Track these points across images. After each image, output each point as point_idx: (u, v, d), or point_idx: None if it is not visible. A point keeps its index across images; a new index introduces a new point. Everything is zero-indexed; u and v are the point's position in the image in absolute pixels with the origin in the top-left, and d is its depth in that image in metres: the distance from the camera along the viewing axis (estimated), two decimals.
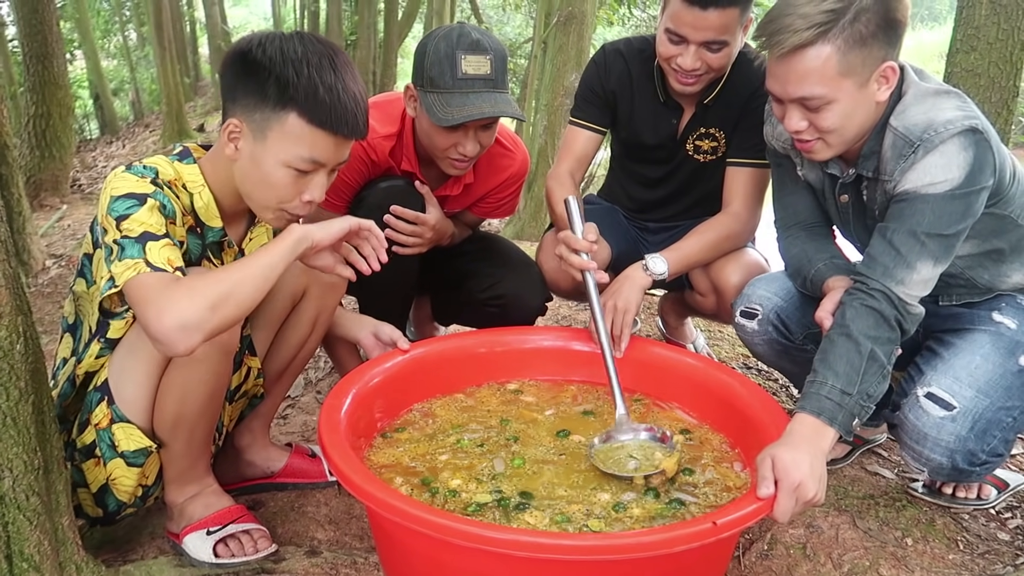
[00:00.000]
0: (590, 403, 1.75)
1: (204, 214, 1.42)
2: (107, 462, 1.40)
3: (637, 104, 2.03)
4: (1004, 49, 2.14)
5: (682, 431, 1.63)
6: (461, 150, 1.78)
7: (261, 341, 1.63)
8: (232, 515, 1.50)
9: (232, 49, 1.37)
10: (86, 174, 6.54)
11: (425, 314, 2.35)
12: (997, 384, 1.49)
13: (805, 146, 1.50)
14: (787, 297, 1.71)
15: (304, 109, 1.30)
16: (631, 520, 1.34)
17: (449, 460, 1.52)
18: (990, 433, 1.47)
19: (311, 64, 1.32)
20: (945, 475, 1.53)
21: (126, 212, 1.25)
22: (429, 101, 1.72)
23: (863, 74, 1.39)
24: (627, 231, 2.22)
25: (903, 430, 1.53)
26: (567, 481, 1.46)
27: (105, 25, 14.77)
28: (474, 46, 1.71)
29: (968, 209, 1.41)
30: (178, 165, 1.39)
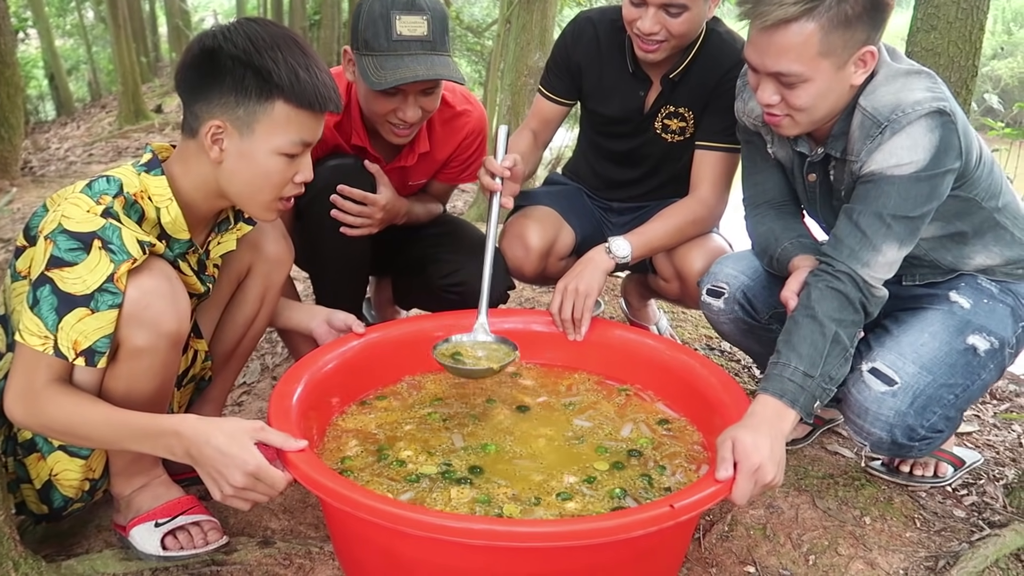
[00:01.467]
0: (581, 395, 1.71)
1: (171, 228, 1.36)
2: (47, 455, 1.35)
3: (604, 74, 1.99)
4: (964, 28, 2.14)
5: (660, 421, 1.61)
6: (401, 116, 1.72)
7: (207, 322, 1.58)
8: (182, 506, 1.45)
9: (193, 50, 1.31)
10: (38, 156, 6.33)
11: (386, 297, 2.30)
12: (941, 361, 1.50)
13: (773, 119, 1.49)
14: (754, 276, 1.70)
15: (290, 95, 1.29)
16: (605, 490, 1.37)
17: (412, 431, 1.55)
18: (930, 409, 1.48)
19: (282, 48, 1.29)
20: (885, 449, 1.54)
21: (67, 259, 1.19)
22: (364, 64, 1.67)
23: (842, 56, 1.38)
24: (591, 212, 2.19)
25: (846, 404, 1.54)
26: (528, 463, 1.45)
27: (60, 3, 14.31)
28: (409, 5, 1.65)
29: (933, 191, 1.41)
30: (145, 177, 1.33)
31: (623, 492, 1.37)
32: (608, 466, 1.44)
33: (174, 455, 1.24)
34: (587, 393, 1.72)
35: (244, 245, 1.55)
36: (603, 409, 1.65)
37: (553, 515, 1.30)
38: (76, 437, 1.29)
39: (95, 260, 1.20)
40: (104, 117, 9.05)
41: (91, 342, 1.21)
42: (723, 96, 1.82)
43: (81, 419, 1.24)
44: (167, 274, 1.28)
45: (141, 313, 1.23)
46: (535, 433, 1.55)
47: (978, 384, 1.55)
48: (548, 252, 2.03)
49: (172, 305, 1.27)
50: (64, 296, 1.20)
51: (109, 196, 1.26)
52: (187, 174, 1.36)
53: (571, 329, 1.80)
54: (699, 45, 1.90)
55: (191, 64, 1.31)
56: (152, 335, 1.25)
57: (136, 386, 1.30)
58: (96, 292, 1.20)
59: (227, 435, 1.21)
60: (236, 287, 1.60)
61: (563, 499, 1.35)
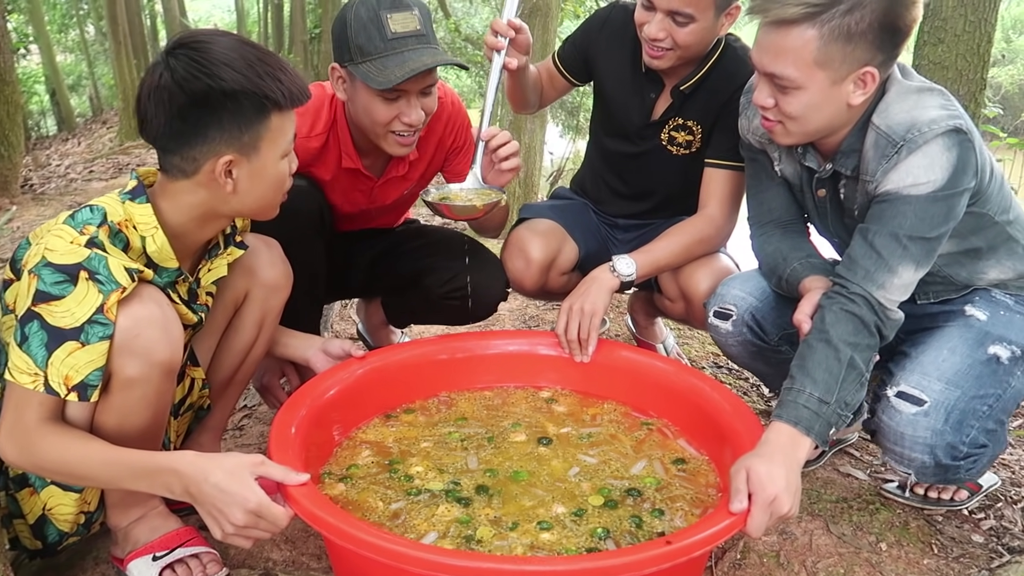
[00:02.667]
0: (603, 427, 1.67)
1: (158, 257, 1.32)
2: (40, 490, 1.31)
3: (621, 66, 1.97)
4: (971, 41, 2.12)
5: (676, 460, 1.54)
6: (405, 119, 1.67)
7: (204, 350, 1.55)
8: (180, 538, 1.41)
9: (175, 100, 1.22)
10: (39, 173, 6.32)
11: (379, 320, 2.26)
12: (966, 374, 1.46)
13: (768, 124, 1.47)
14: (762, 297, 1.67)
15: (282, 103, 1.29)
16: (587, 528, 1.33)
17: (427, 448, 1.56)
18: (967, 424, 1.44)
19: (254, 62, 1.26)
20: (931, 474, 1.48)
21: (53, 292, 1.16)
22: (364, 71, 1.61)
23: (840, 71, 1.35)
24: (597, 229, 2.17)
25: (881, 434, 1.50)
26: (535, 489, 1.43)
27: (62, 19, 14.37)
28: (397, 3, 1.62)
29: (951, 211, 1.38)
30: (129, 205, 1.29)
31: (606, 532, 1.32)
32: (602, 502, 1.40)
33: (173, 493, 1.20)
34: (609, 424, 1.67)
35: (240, 271, 1.53)
36: (620, 443, 1.60)
37: (525, 543, 1.28)
38: (71, 476, 1.25)
39: (83, 292, 1.16)
40: (105, 133, 9.06)
41: (83, 376, 1.18)
42: (734, 113, 1.79)
43: (76, 458, 1.20)
44: (158, 301, 1.24)
45: (132, 342, 1.20)
46: (545, 461, 1.52)
47: (1010, 392, 1.50)
48: (550, 266, 2.01)
49: (164, 333, 1.23)
50: (54, 331, 1.16)
51: (93, 226, 1.23)
52: (177, 207, 1.32)
53: (577, 350, 1.76)
54: (714, 60, 1.87)
55: (178, 115, 1.23)
56: (144, 365, 1.22)
57: (129, 418, 1.26)
58: (86, 324, 1.16)
59: (227, 472, 1.17)
60: (233, 314, 1.57)
61: (541, 528, 1.32)
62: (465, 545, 1.29)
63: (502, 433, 1.61)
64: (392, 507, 1.38)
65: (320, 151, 1.80)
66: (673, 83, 1.90)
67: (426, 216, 3.17)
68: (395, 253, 2.03)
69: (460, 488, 1.44)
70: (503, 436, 1.60)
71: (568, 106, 9.75)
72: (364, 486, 1.44)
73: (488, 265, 1.98)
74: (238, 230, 1.54)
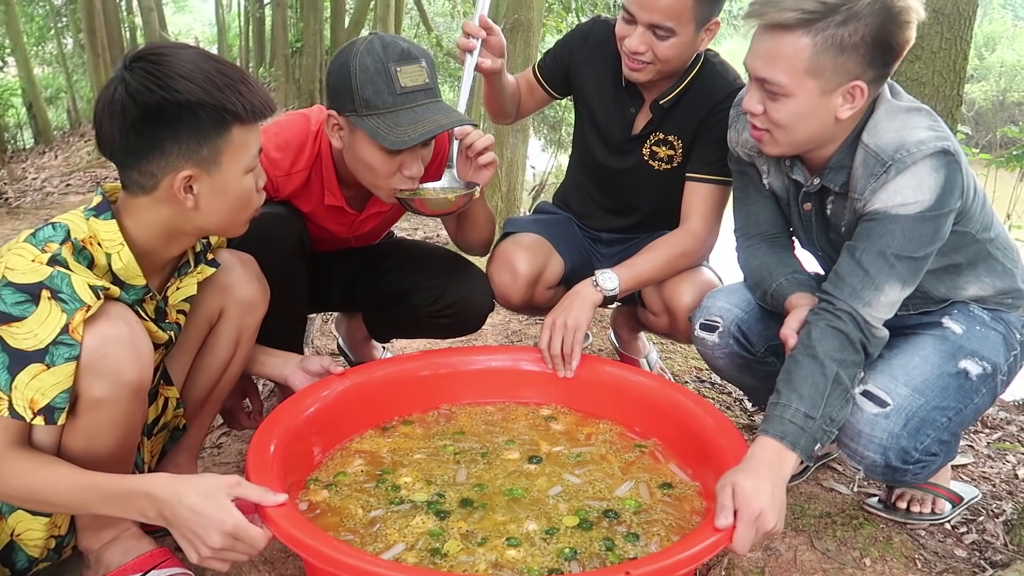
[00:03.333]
0: (596, 446, 1.63)
1: (124, 274, 1.29)
2: (7, 515, 1.28)
3: (601, 80, 1.98)
4: (948, 58, 2.15)
5: (663, 485, 1.50)
6: (407, 172, 1.61)
7: (178, 369, 1.52)
8: (154, 560, 1.38)
9: (128, 113, 1.19)
10: (14, 187, 6.23)
11: (361, 335, 2.24)
12: (933, 384, 1.48)
13: (756, 133, 1.48)
14: (748, 309, 1.67)
15: (243, 115, 1.25)
16: (555, 547, 1.32)
17: (420, 460, 1.56)
18: (923, 432, 1.46)
19: (213, 74, 1.23)
20: (879, 473, 1.51)
21: (13, 313, 1.12)
22: (371, 126, 1.54)
23: (830, 81, 1.36)
24: (581, 243, 2.16)
25: (840, 428, 1.50)
26: (513, 505, 1.42)
27: (40, 31, 14.25)
28: (405, 55, 1.55)
29: (937, 231, 1.40)
30: (94, 222, 1.26)
31: (573, 553, 1.30)
32: (577, 522, 1.38)
33: (147, 517, 1.17)
34: (602, 445, 1.64)
35: (215, 288, 1.50)
36: (608, 464, 1.57)
37: (490, 559, 1.27)
38: (40, 503, 1.21)
39: (45, 312, 1.13)
40: (83, 146, 8.97)
41: (49, 399, 1.14)
42: (714, 127, 1.80)
43: (44, 485, 1.16)
44: (126, 319, 1.21)
45: (99, 363, 1.16)
46: (532, 479, 1.51)
47: (971, 408, 1.53)
48: (536, 280, 2.00)
49: (132, 352, 1.19)
50: (15, 353, 1.12)
51: (55, 243, 1.19)
52: (140, 224, 1.29)
53: (561, 365, 1.75)
54: (693, 75, 1.88)
55: (132, 128, 1.21)
56: (112, 385, 1.18)
57: (97, 440, 1.23)
58: (51, 346, 1.12)
59: (202, 494, 1.14)
60: (208, 331, 1.54)
61: (509, 545, 1.31)
62: (429, 558, 1.28)
63: (496, 449, 1.60)
64: (371, 515, 1.39)
65: (302, 187, 1.75)
66: (653, 97, 1.91)
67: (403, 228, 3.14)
68: (376, 270, 2.00)
69: (443, 501, 1.43)
70: (496, 452, 1.59)
71: (550, 120, 9.80)
72: (347, 493, 1.45)
73: (473, 279, 1.95)
74: (211, 247, 1.52)
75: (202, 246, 1.47)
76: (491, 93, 1.97)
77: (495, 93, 1.97)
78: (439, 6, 14.49)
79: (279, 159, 1.70)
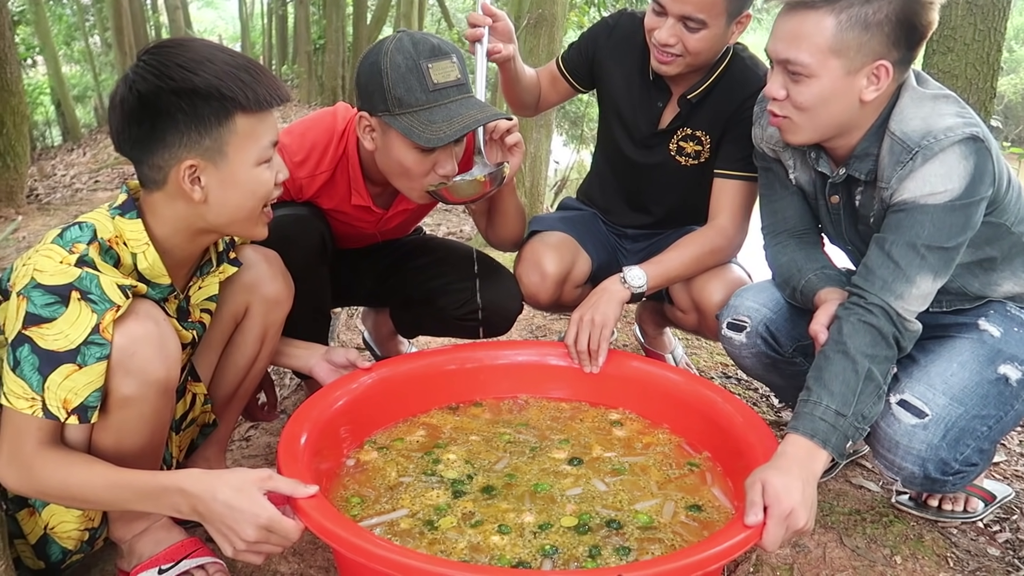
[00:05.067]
0: (647, 456, 1.57)
1: (149, 274, 1.30)
2: (41, 510, 1.30)
3: (628, 74, 1.96)
4: (981, 50, 2.11)
5: (692, 507, 1.41)
6: (441, 171, 1.59)
7: (205, 366, 1.53)
8: (185, 549, 1.39)
9: (126, 104, 1.20)
10: (44, 183, 6.32)
11: (387, 330, 2.25)
12: (973, 392, 1.45)
13: (776, 121, 1.46)
14: (776, 308, 1.65)
15: (246, 104, 1.22)
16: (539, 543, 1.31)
17: (475, 441, 1.61)
18: (963, 442, 1.43)
19: (213, 60, 1.22)
20: (917, 484, 1.48)
21: (44, 315, 1.13)
22: (405, 124, 1.51)
23: (854, 61, 1.34)
24: (606, 239, 2.15)
25: (875, 438, 1.48)
26: (524, 498, 1.42)
27: (68, 30, 14.46)
28: (436, 51, 1.53)
29: (968, 220, 1.37)
30: (119, 221, 1.27)
31: (553, 550, 1.28)
32: (575, 523, 1.35)
33: (180, 513, 1.18)
34: (654, 455, 1.58)
35: (240, 286, 1.50)
36: (646, 477, 1.51)
37: (474, 541, 1.29)
38: (75, 501, 1.23)
39: (75, 313, 1.14)
40: (110, 143, 9.07)
41: (82, 398, 1.15)
42: (743, 123, 1.78)
43: (79, 482, 1.18)
44: (155, 317, 1.21)
45: (128, 361, 1.17)
46: (560, 478, 1.49)
47: (1012, 415, 1.49)
48: (564, 279, 1.99)
49: (160, 351, 1.20)
50: (46, 354, 1.13)
51: (82, 243, 1.20)
52: (159, 222, 1.29)
53: (587, 361, 1.75)
54: (722, 69, 1.86)
55: (131, 119, 1.21)
56: (140, 383, 1.19)
57: (126, 437, 1.24)
58: (82, 346, 1.14)
59: (235, 488, 1.15)
60: (233, 328, 1.54)
61: (499, 531, 1.32)
62: (420, 527, 1.33)
63: (547, 446, 1.59)
64: (401, 479, 1.47)
65: (326, 186, 1.75)
66: (680, 91, 1.89)
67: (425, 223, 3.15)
68: (405, 268, 2.00)
69: (468, 482, 1.46)
70: (546, 449, 1.58)
71: (571, 115, 9.77)
72: (392, 457, 1.54)
73: (503, 283, 1.93)
74: (235, 246, 1.52)
75: (225, 245, 1.48)
76: (507, 82, 1.95)
77: (511, 82, 1.95)
78: (460, 2, 14.50)
79: (303, 161, 1.70)
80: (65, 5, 13.93)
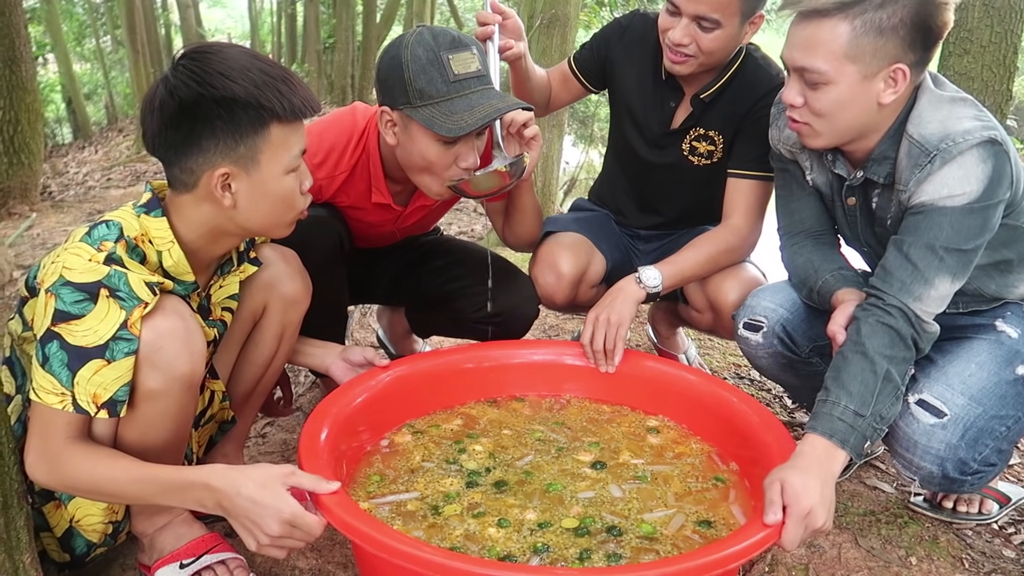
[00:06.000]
0: (672, 466, 1.54)
1: (174, 271, 1.31)
2: (67, 503, 1.32)
3: (640, 74, 1.97)
4: (997, 52, 2.11)
5: (702, 522, 1.37)
6: (463, 164, 1.59)
7: (224, 363, 1.55)
8: (206, 545, 1.41)
9: (166, 109, 1.22)
10: (57, 180, 6.36)
11: (403, 329, 2.26)
12: (991, 392, 1.45)
13: (795, 126, 1.47)
14: (792, 308, 1.66)
15: (282, 114, 1.25)
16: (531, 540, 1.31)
17: (507, 435, 1.63)
18: (982, 442, 1.43)
19: (252, 70, 1.23)
20: (936, 484, 1.49)
21: (73, 312, 1.15)
22: (427, 115, 1.52)
23: (871, 66, 1.35)
24: (620, 240, 2.16)
25: (893, 437, 1.49)
26: (534, 496, 1.43)
27: (79, 28, 14.53)
28: (456, 43, 1.54)
29: (986, 223, 1.37)
30: (145, 219, 1.28)
31: (544, 548, 1.28)
32: (575, 525, 1.34)
33: (205, 507, 1.20)
34: (682, 466, 1.54)
35: (258, 284, 1.51)
36: (664, 488, 1.47)
37: (471, 531, 1.32)
38: (101, 494, 1.24)
39: (104, 309, 1.16)
40: (121, 141, 9.12)
41: (111, 393, 1.17)
42: (756, 122, 1.79)
43: (105, 476, 1.19)
44: (181, 313, 1.23)
45: (154, 355, 1.19)
46: (577, 481, 1.49)
47: None
48: (579, 279, 1.99)
49: (186, 346, 1.22)
50: (75, 350, 1.15)
51: (110, 241, 1.22)
52: (185, 222, 1.31)
53: (603, 361, 1.76)
54: (735, 69, 1.87)
55: (170, 123, 1.22)
56: (166, 378, 1.21)
57: (151, 431, 1.26)
58: (111, 341, 1.15)
59: (258, 483, 1.17)
60: (252, 327, 1.56)
61: (498, 525, 1.34)
62: (424, 510, 1.38)
63: (575, 447, 1.59)
64: (423, 464, 1.52)
65: (346, 186, 1.76)
66: (693, 91, 1.90)
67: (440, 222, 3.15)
68: (423, 269, 2.00)
69: (485, 475, 1.48)
70: (573, 450, 1.58)
71: (580, 115, 9.76)
72: (423, 442, 1.59)
73: (520, 287, 1.93)
74: (255, 245, 1.54)
75: (245, 244, 1.49)
76: (517, 81, 1.95)
77: (521, 80, 1.94)
78: (469, 1, 14.51)
79: (322, 162, 1.71)
80: (76, 3, 13.99)
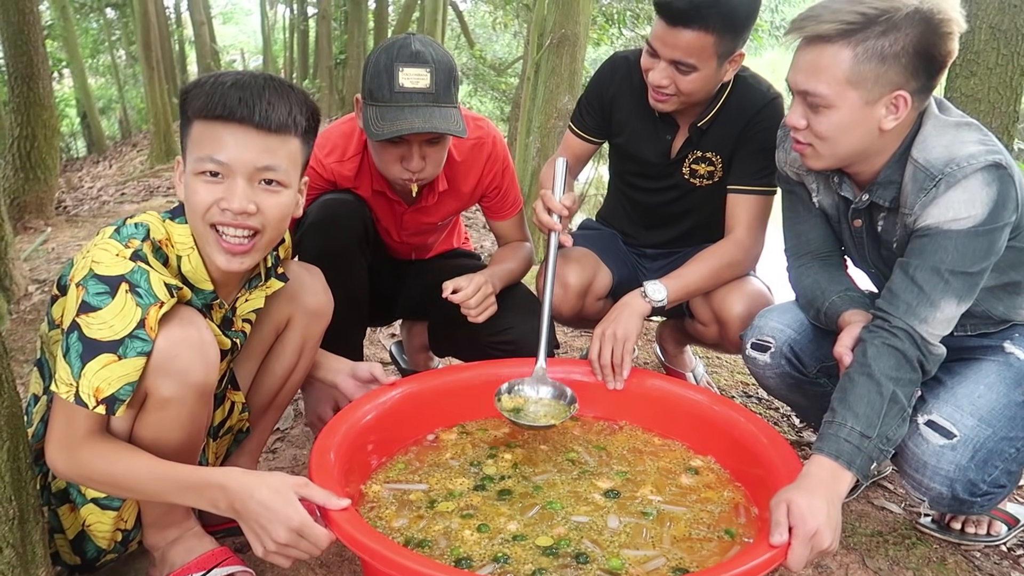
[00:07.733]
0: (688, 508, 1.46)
1: (192, 277, 1.35)
2: (80, 507, 1.34)
3: (634, 113, 2.00)
4: (1004, 74, 2.12)
5: (675, 569, 1.29)
6: (407, 165, 1.71)
7: (245, 374, 1.57)
8: (216, 559, 1.42)
9: None
10: (72, 195, 6.44)
11: (420, 343, 2.28)
12: (1000, 414, 1.46)
13: (799, 148, 1.49)
14: (800, 329, 1.67)
15: (201, 109, 1.25)
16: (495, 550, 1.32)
17: (542, 451, 1.64)
18: (991, 463, 1.43)
19: (221, 75, 1.29)
20: (945, 505, 1.49)
21: (93, 304, 1.18)
22: (368, 114, 1.67)
23: (872, 92, 1.36)
24: (626, 257, 2.19)
25: (903, 458, 1.49)
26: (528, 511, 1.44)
27: (94, 44, 14.74)
28: (413, 58, 1.64)
29: (991, 246, 1.38)
30: (169, 224, 1.33)
31: (504, 559, 1.28)
32: (549, 543, 1.33)
33: (218, 508, 1.22)
34: (701, 512, 1.45)
35: (283, 297, 1.55)
36: (667, 529, 1.39)
37: (450, 528, 1.35)
38: (119, 488, 1.26)
39: (120, 304, 1.18)
40: (135, 156, 9.22)
41: (114, 389, 1.18)
42: (753, 138, 1.82)
43: (123, 471, 1.22)
44: (197, 324, 1.26)
45: (168, 363, 1.21)
46: (580, 505, 1.46)
47: None
48: (586, 292, 2.02)
49: (200, 356, 1.24)
50: (89, 342, 1.17)
51: (138, 240, 1.26)
52: None
53: (611, 376, 1.77)
54: (727, 94, 1.90)
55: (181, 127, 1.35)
56: (179, 386, 1.23)
57: (164, 436, 1.28)
58: (126, 338, 1.17)
59: (272, 489, 1.19)
60: (274, 339, 1.59)
61: (478, 529, 1.36)
62: (422, 500, 1.43)
63: (600, 473, 1.56)
64: (449, 461, 1.59)
65: (355, 175, 1.85)
66: (688, 121, 1.93)
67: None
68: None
69: (496, 483, 1.51)
70: (596, 475, 1.55)
71: None
72: (463, 441, 1.66)
73: (537, 318, 1.90)
74: (281, 261, 1.57)
75: (273, 260, 1.52)
76: None
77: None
78: (479, 18, 14.63)
79: (331, 151, 1.84)
80: (91, 19, 14.20)
